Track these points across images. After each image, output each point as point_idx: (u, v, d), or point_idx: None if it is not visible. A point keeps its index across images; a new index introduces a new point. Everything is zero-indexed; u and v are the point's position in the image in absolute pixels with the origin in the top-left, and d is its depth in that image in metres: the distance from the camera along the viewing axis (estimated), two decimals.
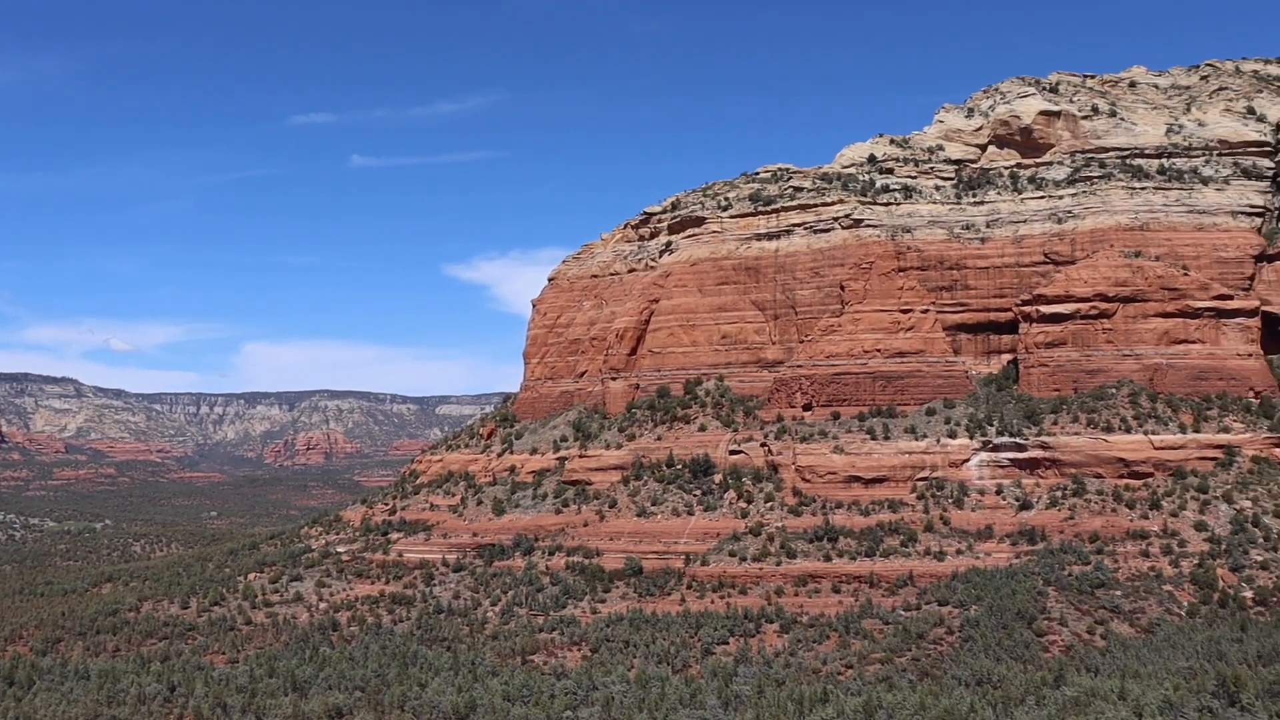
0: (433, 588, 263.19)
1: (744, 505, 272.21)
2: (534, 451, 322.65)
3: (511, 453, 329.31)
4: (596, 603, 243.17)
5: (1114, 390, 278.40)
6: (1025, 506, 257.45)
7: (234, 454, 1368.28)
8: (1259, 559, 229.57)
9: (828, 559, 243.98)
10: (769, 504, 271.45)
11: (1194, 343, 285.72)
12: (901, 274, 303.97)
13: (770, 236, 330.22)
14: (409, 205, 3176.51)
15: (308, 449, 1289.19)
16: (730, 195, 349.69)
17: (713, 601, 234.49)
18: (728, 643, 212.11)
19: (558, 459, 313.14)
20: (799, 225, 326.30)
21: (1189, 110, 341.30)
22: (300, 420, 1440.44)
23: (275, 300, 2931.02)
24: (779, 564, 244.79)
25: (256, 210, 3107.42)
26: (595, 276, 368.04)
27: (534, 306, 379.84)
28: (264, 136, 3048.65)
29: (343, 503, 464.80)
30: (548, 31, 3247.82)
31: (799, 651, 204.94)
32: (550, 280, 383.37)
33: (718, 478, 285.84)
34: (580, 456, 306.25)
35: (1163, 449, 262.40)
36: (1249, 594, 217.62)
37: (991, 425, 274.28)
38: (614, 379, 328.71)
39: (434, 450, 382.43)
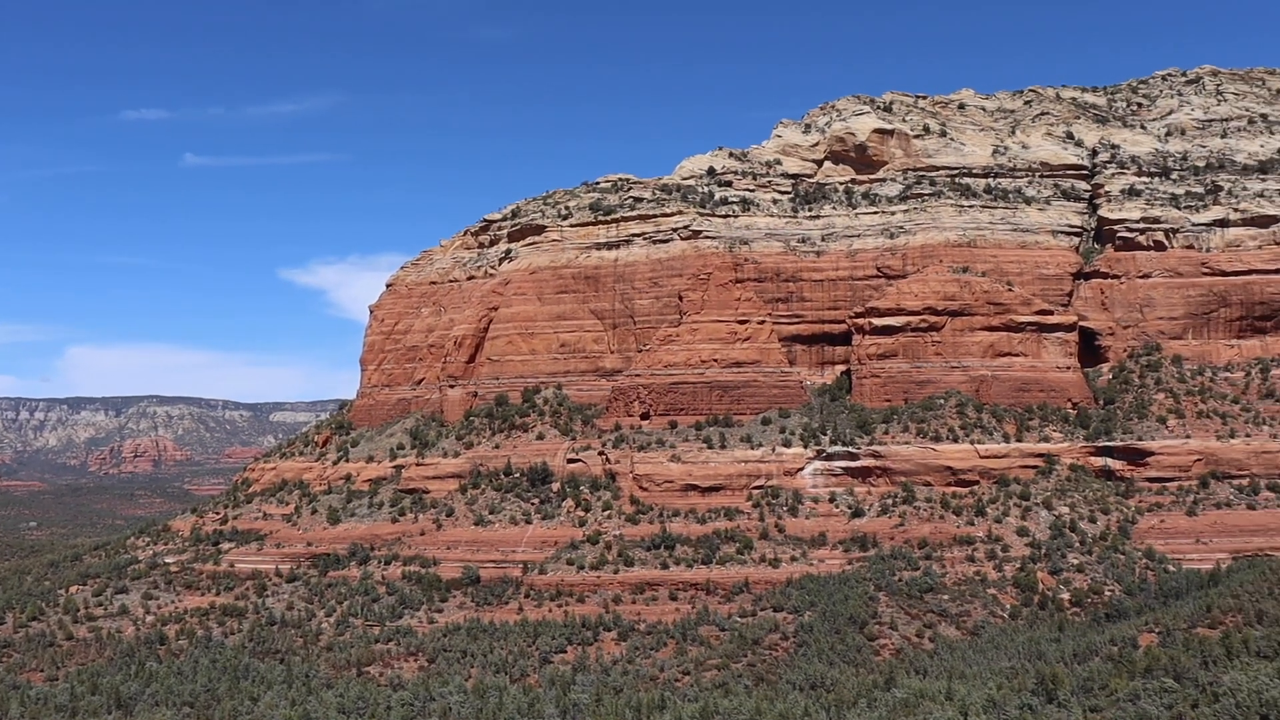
0: (265, 599, 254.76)
1: (582, 514, 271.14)
2: (370, 459, 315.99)
3: (347, 461, 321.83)
4: (434, 612, 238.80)
5: (942, 401, 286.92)
6: (857, 514, 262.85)
7: (56, 462, 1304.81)
8: (1075, 562, 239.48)
9: (665, 567, 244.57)
10: (606, 512, 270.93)
11: (1017, 355, 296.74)
12: (739, 285, 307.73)
13: (610, 246, 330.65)
14: (244, 206, 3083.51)
15: (135, 456, 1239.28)
16: (570, 204, 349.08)
17: (550, 610, 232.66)
18: (565, 651, 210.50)
19: (394, 467, 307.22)
20: (638, 235, 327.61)
21: (1014, 133, 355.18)
22: (127, 427, 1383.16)
23: (101, 302, 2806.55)
24: (616, 572, 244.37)
25: (82, 208, 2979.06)
26: (434, 283, 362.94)
27: (372, 313, 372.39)
28: (93, 132, 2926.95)
29: (172, 512, 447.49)
30: (389, 34, 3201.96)
31: (636, 659, 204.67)
32: (389, 286, 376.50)
33: (555, 486, 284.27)
34: (417, 465, 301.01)
35: (988, 458, 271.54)
36: (1066, 596, 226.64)
37: (825, 435, 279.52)
38: (452, 387, 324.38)
39: (268, 458, 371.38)
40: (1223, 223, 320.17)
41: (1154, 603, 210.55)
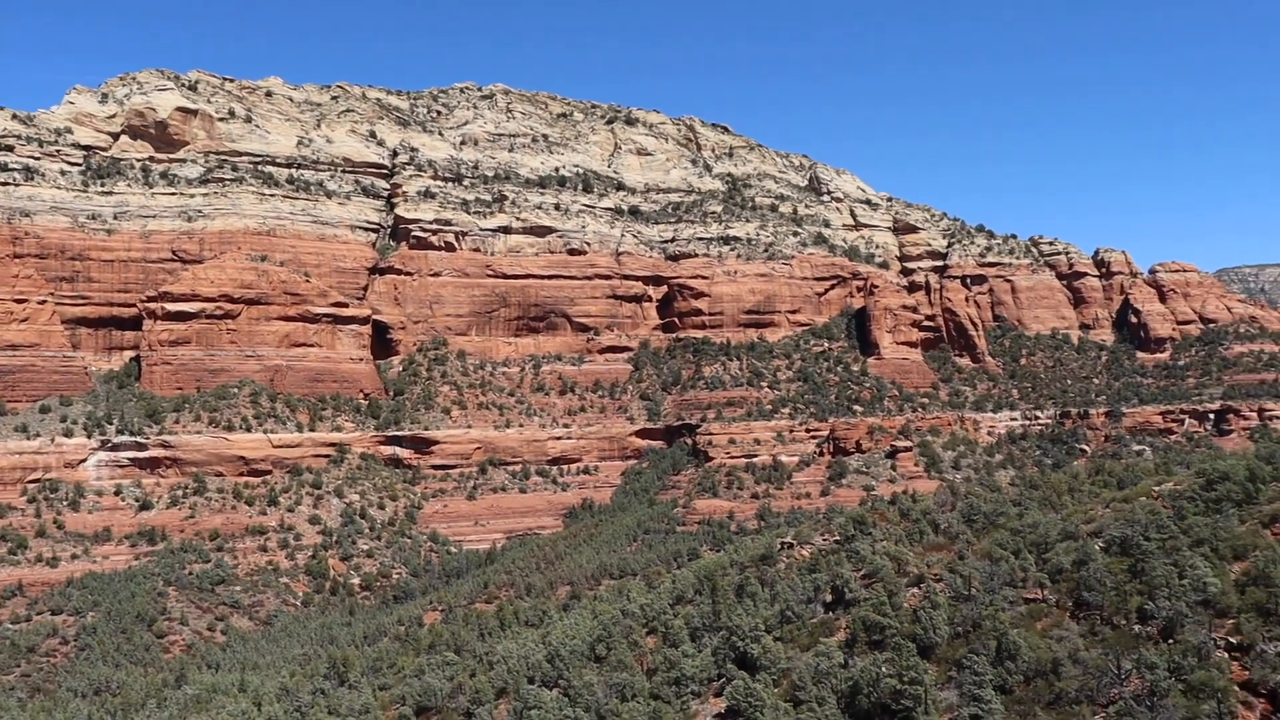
0: None
1: None
2: None
3: None
4: None
5: (236, 390, 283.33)
6: (146, 507, 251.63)
7: None
8: (365, 548, 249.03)
9: None
10: None
11: (313, 346, 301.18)
12: (18, 261, 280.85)
13: None
14: None
15: None
16: None
17: None
18: None
19: None
20: None
21: (319, 126, 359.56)
22: None
23: None
24: None
25: None
26: None
27: None
28: None
29: None
30: None
31: None
32: None
33: None
34: None
35: (281, 447, 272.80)
36: (357, 581, 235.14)
37: (112, 424, 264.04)
38: None
39: None
40: (506, 229, 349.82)
41: (438, 583, 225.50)
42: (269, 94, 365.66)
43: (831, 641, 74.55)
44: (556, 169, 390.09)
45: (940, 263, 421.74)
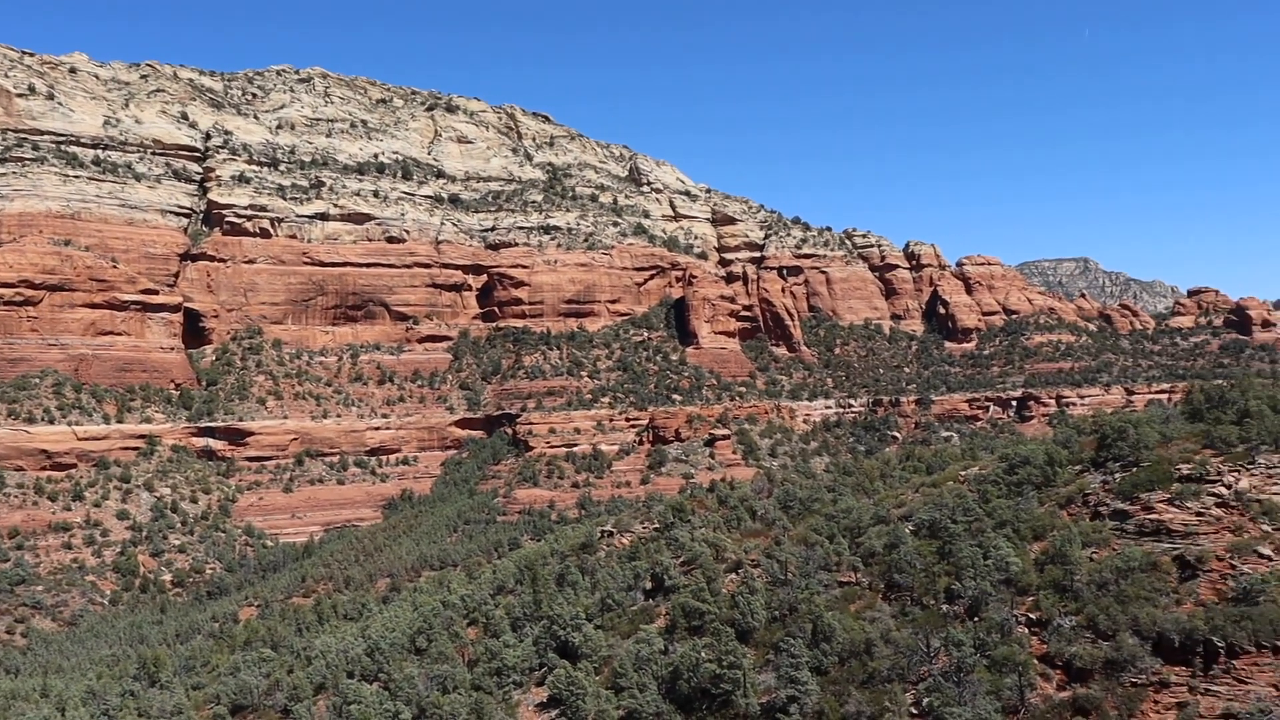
0: None
1: None
2: None
3: None
4: None
5: (38, 380, 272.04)
6: None
7: None
8: (177, 543, 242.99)
9: None
10: None
11: (121, 335, 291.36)
12: None
13: None
14: None
15: None
16: None
17: None
18: None
19: None
20: None
21: (128, 106, 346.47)
22: None
23: None
24: None
25: None
26: None
27: None
28: None
29: None
30: None
31: None
32: None
33: None
34: None
35: (86, 440, 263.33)
36: (168, 577, 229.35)
37: None
38: None
39: None
40: (324, 216, 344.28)
41: (254, 578, 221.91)
42: (73, 70, 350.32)
43: (652, 628, 76.96)
44: (376, 155, 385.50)
45: (758, 254, 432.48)
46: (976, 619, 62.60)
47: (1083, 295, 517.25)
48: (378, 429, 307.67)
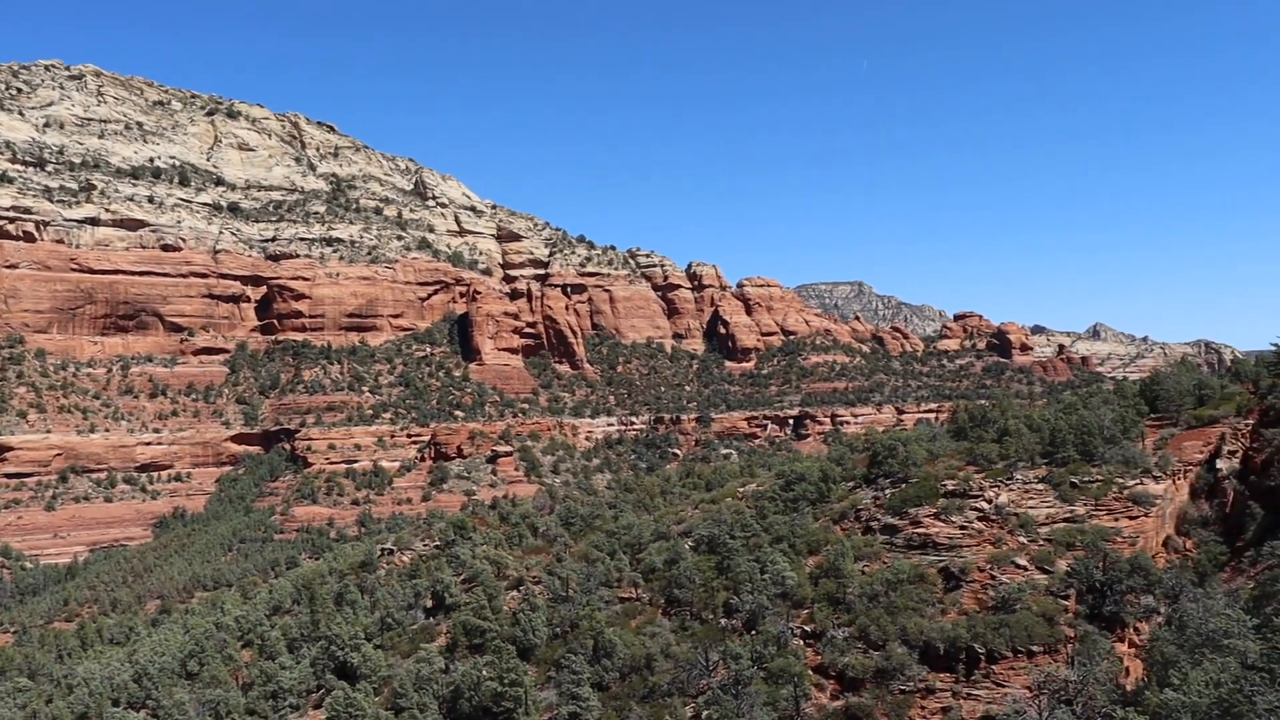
0: None
1: None
2: None
3: None
4: None
5: None
6: None
7: None
8: None
9: None
10: None
11: None
12: None
13: None
14: None
15: None
16: None
17: None
18: None
19: None
20: None
21: None
22: None
23: None
24: None
25: None
26: None
27: None
28: None
29: None
30: None
31: None
32: None
33: None
34: None
35: None
36: None
37: None
38: None
39: None
40: (95, 221, 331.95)
41: (10, 602, 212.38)
42: None
43: (432, 647, 78.20)
44: (151, 159, 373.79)
45: (542, 271, 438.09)
46: (754, 632, 65.03)
47: (857, 318, 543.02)
48: (149, 444, 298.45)
